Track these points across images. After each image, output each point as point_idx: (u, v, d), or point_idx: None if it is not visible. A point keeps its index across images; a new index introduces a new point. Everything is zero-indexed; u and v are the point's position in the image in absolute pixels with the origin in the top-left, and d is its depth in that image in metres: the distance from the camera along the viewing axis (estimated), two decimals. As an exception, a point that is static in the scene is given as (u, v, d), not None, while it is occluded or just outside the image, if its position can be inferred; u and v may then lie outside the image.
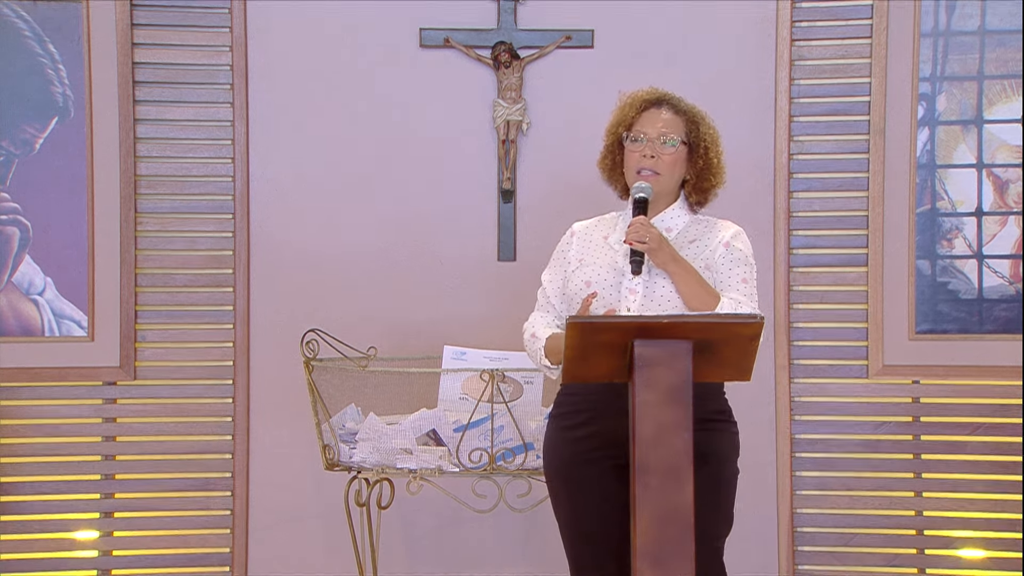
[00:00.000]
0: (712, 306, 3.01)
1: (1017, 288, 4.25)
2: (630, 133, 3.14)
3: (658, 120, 3.13)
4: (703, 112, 3.19)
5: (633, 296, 3.05)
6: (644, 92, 3.19)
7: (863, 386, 4.32)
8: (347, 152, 4.41)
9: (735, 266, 3.11)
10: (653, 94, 3.18)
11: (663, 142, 3.11)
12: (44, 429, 4.30)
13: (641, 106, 3.15)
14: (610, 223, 3.23)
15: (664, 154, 3.11)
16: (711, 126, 3.18)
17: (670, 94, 3.19)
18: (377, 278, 4.41)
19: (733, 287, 3.08)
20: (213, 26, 4.36)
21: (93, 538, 4.32)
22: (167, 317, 4.36)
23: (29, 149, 4.30)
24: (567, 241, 3.24)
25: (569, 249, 3.21)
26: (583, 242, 3.21)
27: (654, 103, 3.15)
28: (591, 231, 3.23)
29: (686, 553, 2.70)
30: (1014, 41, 4.23)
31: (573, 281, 3.14)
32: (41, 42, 4.28)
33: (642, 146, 3.12)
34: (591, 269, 3.13)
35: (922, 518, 4.28)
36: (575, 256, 3.19)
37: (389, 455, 3.78)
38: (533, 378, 3.82)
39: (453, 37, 4.39)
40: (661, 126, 3.12)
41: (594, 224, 3.25)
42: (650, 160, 3.11)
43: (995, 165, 4.27)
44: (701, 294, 3.02)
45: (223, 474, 4.37)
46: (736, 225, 3.20)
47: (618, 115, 3.19)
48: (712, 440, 3.00)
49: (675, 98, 3.18)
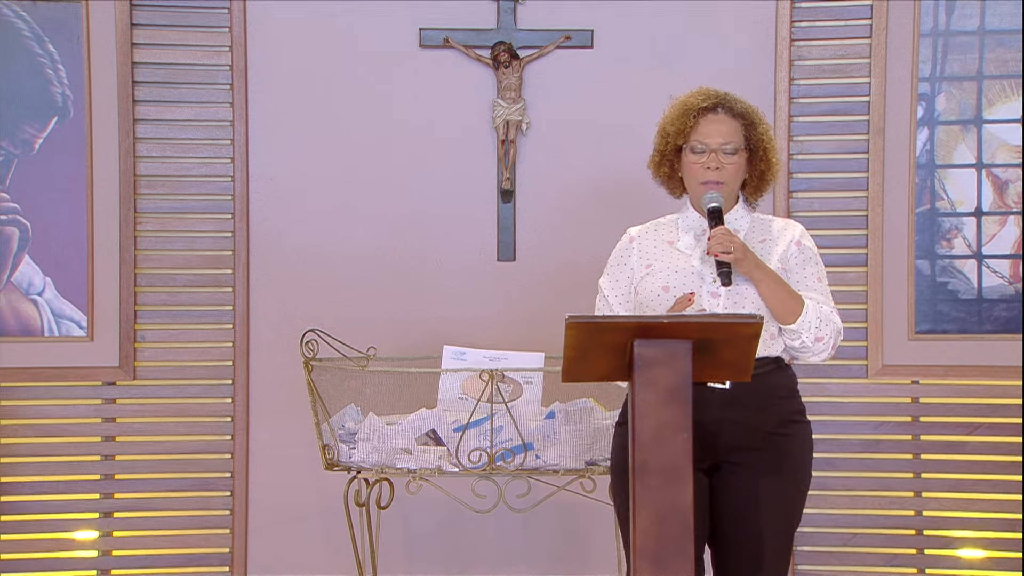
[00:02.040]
0: (797, 310, 3.00)
1: (1017, 288, 4.25)
2: (688, 143, 3.07)
3: (718, 128, 3.06)
4: (756, 109, 3.13)
5: (716, 299, 3.03)
6: (699, 97, 3.10)
7: (863, 386, 4.32)
8: (347, 152, 4.41)
9: (808, 265, 3.11)
10: (708, 99, 3.08)
11: (726, 151, 3.06)
12: (43, 429, 4.30)
13: (698, 113, 3.07)
14: (670, 227, 3.18)
15: (728, 164, 3.07)
16: (765, 123, 3.12)
17: (724, 95, 3.10)
18: (377, 278, 4.41)
19: (811, 287, 3.09)
20: (213, 26, 4.36)
21: (92, 538, 4.32)
22: (167, 317, 4.36)
23: (29, 149, 4.30)
24: (626, 247, 3.18)
25: (630, 255, 3.16)
26: (646, 247, 3.15)
27: (711, 109, 3.08)
28: (651, 235, 3.17)
29: (686, 553, 2.70)
30: (1013, 41, 4.23)
31: (647, 287, 3.09)
32: (40, 42, 4.28)
33: (704, 157, 3.06)
34: (666, 274, 3.08)
35: (922, 518, 4.28)
36: (639, 262, 3.14)
37: (389, 455, 3.78)
38: (533, 378, 3.82)
39: (453, 37, 4.39)
40: (721, 137, 3.06)
41: (652, 229, 3.19)
42: (715, 172, 3.06)
43: (995, 165, 4.27)
44: (786, 299, 3.01)
45: (223, 474, 4.37)
46: (797, 222, 3.20)
47: (675, 123, 3.09)
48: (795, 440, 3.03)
49: (729, 99, 3.10)
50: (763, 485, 2.98)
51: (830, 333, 3.04)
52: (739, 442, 2.98)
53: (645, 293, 3.09)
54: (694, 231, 3.13)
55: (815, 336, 3.02)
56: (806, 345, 3.03)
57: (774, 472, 2.99)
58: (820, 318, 3.02)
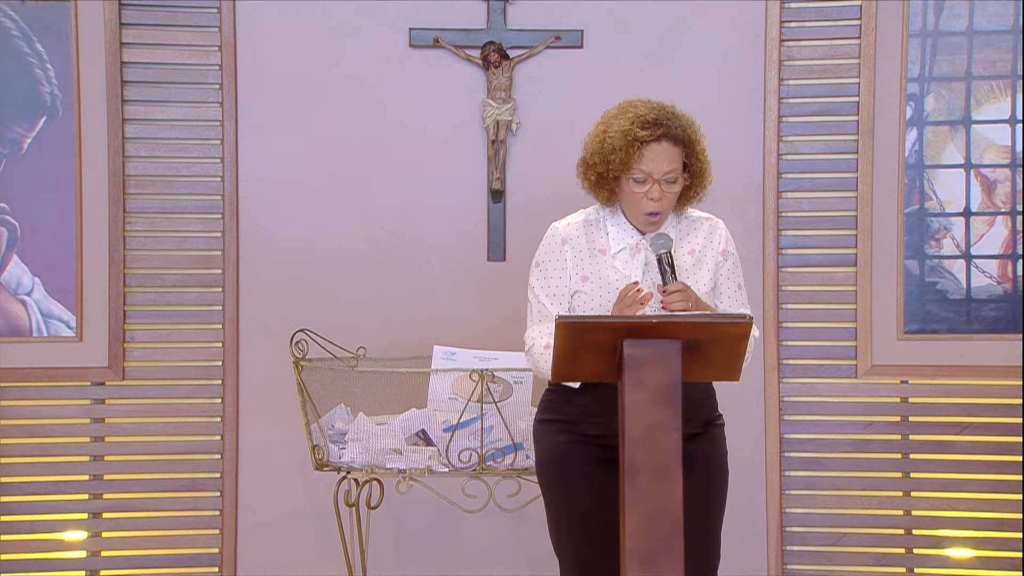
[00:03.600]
0: None
1: (1005, 288, 4.26)
2: (630, 174, 3.03)
3: (661, 159, 3.01)
4: (694, 127, 3.08)
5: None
6: (643, 130, 3.01)
7: (852, 386, 4.33)
8: (337, 152, 4.41)
9: (733, 275, 3.17)
10: (653, 130, 3.01)
11: (668, 180, 3.04)
12: (32, 429, 4.29)
13: (642, 144, 3.01)
14: (600, 231, 3.13)
15: (668, 192, 3.04)
16: (702, 141, 3.09)
17: (665, 120, 3.02)
18: (367, 278, 4.41)
19: (734, 297, 3.15)
20: (202, 26, 4.35)
21: (81, 539, 4.31)
22: (156, 317, 4.35)
23: (17, 148, 4.28)
24: (558, 249, 3.12)
25: (564, 258, 3.12)
26: (580, 254, 3.11)
27: (654, 140, 3.01)
28: (582, 239, 3.12)
29: (675, 553, 2.71)
30: (1002, 42, 4.25)
31: (585, 303, 3.08)
32: (29, 41, 4.27)
33: (647, 188, 3.03)
34: (604, 294, 3.07)
35: (910, 517, 4.29)
36: (575, 269, 3.11)
37: (378, 455, 3.78)
38: (523, 378, 3.82)
39: (443, 37, 4.39)
40: (665, 166, 3.02)
41: (580, 229, 3.13)
42: (656, 203, 3.04)
43: (983, 165, 4.28)
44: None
45: (212, 474, 4.36)
46: (717, 219, 3.19)
47: (618, 153, 3.01)
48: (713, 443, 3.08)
49: (670, 123, 3.02)
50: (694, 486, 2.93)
51: (753, 348, 3.07)
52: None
53: (584, 309, 3.08)
54: (629, 247, 3.10)
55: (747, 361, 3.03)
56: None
57: (703, 474, 3.03)
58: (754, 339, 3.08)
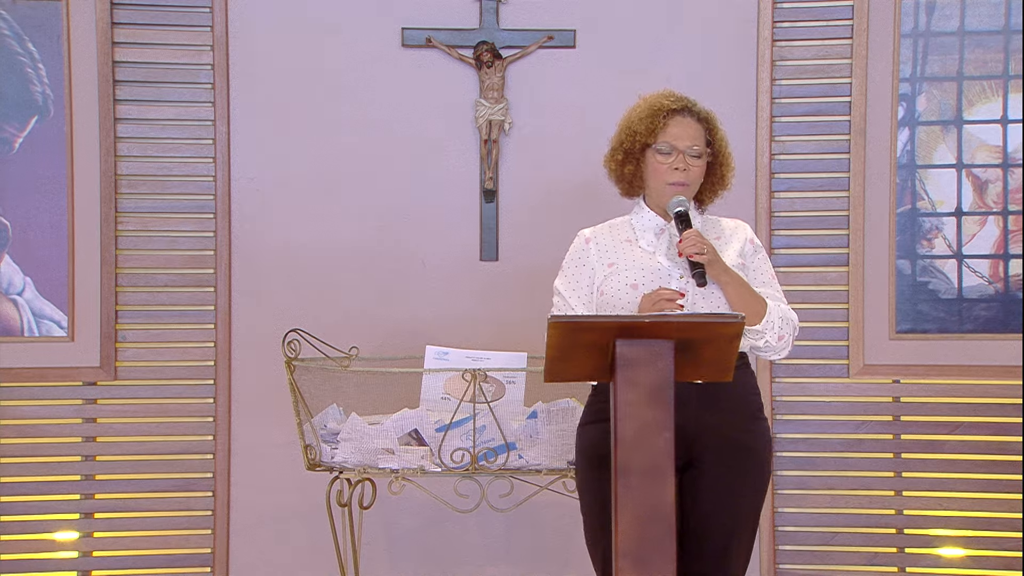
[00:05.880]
0: (762, 312, 3.07)
1: (996, 288, 4.27)
2: (656, 144, 3.10)
3: (685, 131, 3.10)
4: (714, 114, 3.17)
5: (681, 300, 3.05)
6: (667, 99, 3.13)
7: (844, 385, 4.34)
8: (329, 152, 4.41)
9: (763, 263, 3.20)
10: (677, 101, 3.13)
11: (692, 153, 3.10)
12: (24, 429, 4.28)
13: (667, 114, 3.11)
14: (624, 227, 3.20)
15: (693, 166, 3.11)
16: (722, 129, 3.17)
17: (688, 99, 3.15)
18: (359, 278, 4.40)
19: (767, 283, 3.17)
20: (194, 25, 4.35)
21: (73, 539, 4.30)
22: (148, 317, 4.35)
23: (8, 148, 4.28)
24: (582, 248, 3.19)
25: (588, 255, 3.17)
26: (605, 247, 3.17)
27: (679, 111, 3.12)
28: (607, 235, 3.20)
29: (667, 553, 2.71)
30: (993, 42, 4.25)
31: (613, 285, 3.11)
32: (20, 41, 4.26)
33: (672, 158, 3.10)
34: (633, 272, 3.10)
35: (902, 517, 4.30)
36: (599, 261, 3.15)
37: (371, 455, 3.78)
38: (515, 378, 3.82)
39: (435, 37, 4.38)
40: (688, 139, 3.10)
41: (606, 229, 3.21)
42: (682, 173, 3.10)
43: (975, 165, 4.29)
44: (751, 301, 3.07)
45: (204, 474, 4.35)
46: (744, 222, 3.25)
47: (643, 122, 3.12)
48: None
49: (692, 103, 3.14)
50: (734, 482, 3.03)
51: (790, 331, 3.13)
52: (713, 440, 3.02)
53: (611, 291, 3.11)
54: (652, 230, 3.16)
55: (778, 335, 3.11)
56: (770, 344, 3.11)
57: (743, 469, 3.05)
58: (782, 317, 3.11)
